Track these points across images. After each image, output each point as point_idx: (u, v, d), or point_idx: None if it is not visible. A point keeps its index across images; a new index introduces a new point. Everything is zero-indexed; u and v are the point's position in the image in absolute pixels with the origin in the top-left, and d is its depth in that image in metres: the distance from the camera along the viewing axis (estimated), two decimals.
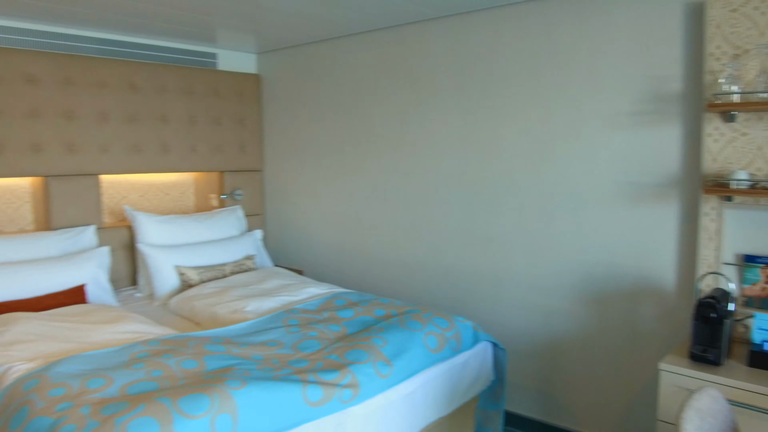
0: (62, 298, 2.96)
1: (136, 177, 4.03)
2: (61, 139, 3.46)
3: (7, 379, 2.00)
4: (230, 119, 4.22)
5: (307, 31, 3.70)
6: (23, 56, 3.31)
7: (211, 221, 3.86)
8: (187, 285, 3.37)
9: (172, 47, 3.98)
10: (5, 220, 3.55)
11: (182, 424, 1.68)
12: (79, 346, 2.27)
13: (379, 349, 2.34)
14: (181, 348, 2.20)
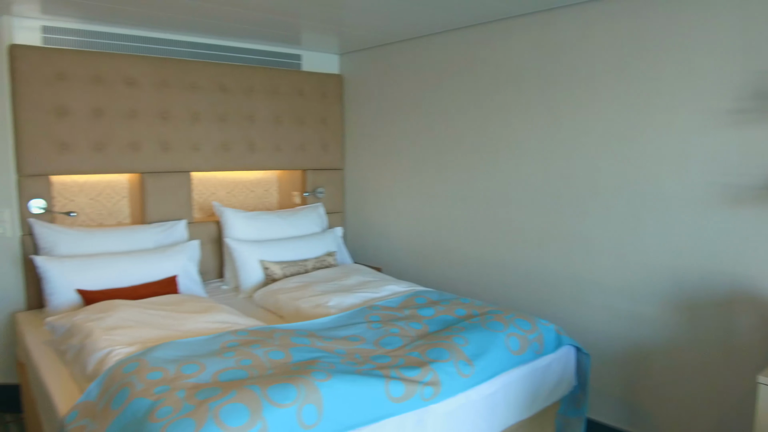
0: (156, 287, 3.13)
1: (224, 174, 4.20)
2: (157, 138, 3.65)
3: (109, 361, 2.14)
4: (313, 119, 4.32)
5: (389, 31, 3.73)
6: (124, 60, 3.52)
7: (294, 218, 3.97)
8: (271, 279, 3.48)
9: (260, 49, 4.11)
10: (105, 213, 3.79)
11: (271, 412, 1.74)
12: (173, 333, 2.39)
13: (460, 348, 2.33)
14: (267, 339, 2.27)
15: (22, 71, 3.23)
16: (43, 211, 3.38)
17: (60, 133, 3.35)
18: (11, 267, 3.38)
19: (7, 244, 3.36)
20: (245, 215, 3.79)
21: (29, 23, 3.31)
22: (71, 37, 3.43)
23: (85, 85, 3.40)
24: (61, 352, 2.58)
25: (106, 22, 3.45)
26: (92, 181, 3.71)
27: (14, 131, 3.28)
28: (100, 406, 1.94)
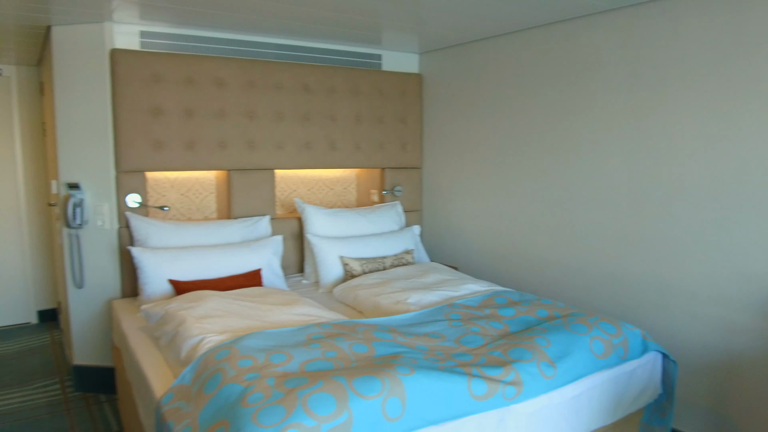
0: (242, 280, 3.25)
1: (305, 172, 4.31)
2: (243, 137, 3.79)
3: (202, 348, 2.24)
4: (392, 118, 4.36)
5: (470, 30, 3.72)
6: (214, 62, 3.68)
7: (373, 215, 4.02)
8: (350, 275, 3.54)
9: (342, 50, 4.19)
10: (193, 208, 3.97)
11: (357, 403, 1.77)
12: (260, 323, 2.48)
13: (542, 349, 2.30)
14: (351, 333, 2.32)
15: (122, 74, 3.44)
16: (138, 206, 3.58)
17: (155, 132, 3.54)
18: (109, 257, 3.60)
19: (105, 236, 3.59)
20: (326, 212, 3.88)
21: (128, 29, 3.52)
22: (166, 41, 3.62)
23: (178, 87, 3.57)
24: (155, 338, 2.73)
25: (198, 26, 3.62)
26: (182, 178, 3.90)
27: (114, 130, 3.49)
28: (194, 389, 2.04)
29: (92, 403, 3.67)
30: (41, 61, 4.67)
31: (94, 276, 3.62)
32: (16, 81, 5.09)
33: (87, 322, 3.70)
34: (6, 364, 4.39)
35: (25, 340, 4.93)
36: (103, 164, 3.52)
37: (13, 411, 3.58)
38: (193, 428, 1.85)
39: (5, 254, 5.21)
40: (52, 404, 3.66)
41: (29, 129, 5.17)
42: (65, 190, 3.53)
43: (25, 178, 5.21)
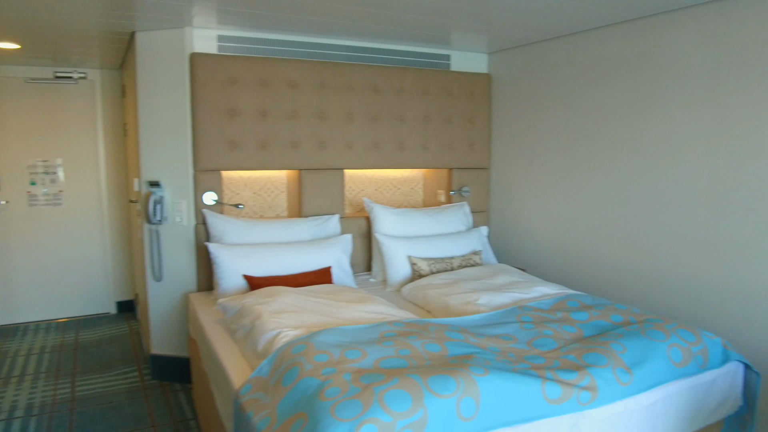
0: (312, 277, 3.33)
1: (372, 172, 4.37)
2: (314, 137, 3.88)
3: (278, 342, 2.31)
4: (461, 118, 4.36)
5: (541, 29, 3.67)
6: (287, 65, 3.78)
7: (441, 215, 4.03)
8: (418, 275, 3.56)
9: (411, 51, 4.22)
10: (265, 206, 4.08)
11: (431, 401, 1.79)
12: (333, 320, 2.54)
13: (618, 355, 2.25)
14: (423, 332, 2.34)
15: (200, 77, 3.58)
16: (214, 203, 3.72)
17: (230, 132, 3.66)
18: (187, 252, 3.75)
19: (183, 232, 3.74)
20: (394, 212, 3.92)
21: (207, 33, 3.66)
22: (242, 45, 3.74)
23: (253, 89, 3.69)
24: (231, 331, 2.83)
25: (272, 30, 3.72)
26: (255, 177, 4.03)
27: (192, 131, 3.64)
28: (271, 381, 2.10)
29: (168, 391, 3.84)
30: (123, 65, 4.91)
31: (171, 270, 3.79)
32: (100, 84, 5.37)
33: (164, 313, 3.88)
34: (88, 351, 4.64)
35: (105, 329, 5.20)
36: (181, 163, 3.68)
37: (95, 395, 3.79)
38: (272, 419, 1.91)
39: (88, 248, 5.51)
40: (131, 390, 3.85)
41: (111, 129, 5.45)
42: (146, 187, 3.71)
43: (107, 176, 5.49)
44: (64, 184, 5.38)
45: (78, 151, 5.39)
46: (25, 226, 5.28)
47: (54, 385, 3.95)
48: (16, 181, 5.22)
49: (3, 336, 5.03)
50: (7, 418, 3.46)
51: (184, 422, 3.40)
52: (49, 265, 5.39)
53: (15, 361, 4.43)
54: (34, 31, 3.78)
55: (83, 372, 4.20)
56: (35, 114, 5.22)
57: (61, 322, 5.42)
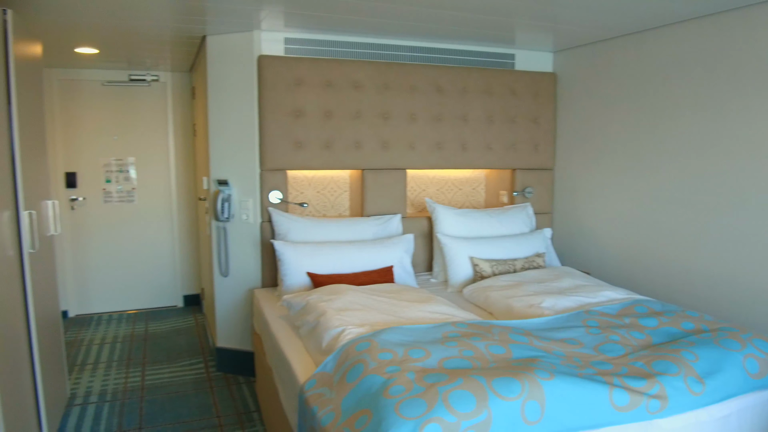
0: (375, 276, 3.35)
1: (434, 172, 4.36)
2: (377, 137, 3.91)
3: (343, 339, 2.35)
4: (525, 118, 4.30)
5: (609, 26, 3.57)
6: (351, 66, 3.82)
7: (503, 217, 3.99)
8: (480, 276, 3.53)
9: (475, 50, 4.19)
10: (327, 205, 4.14)
11: (496, 403, 1.78)
12: (396, 319, 2.55)
13: (689, 364, 2.17)
14: (487, 333, 2.33)
15: (268, 78, 3.67)
16: (279, 202, 3.81)
17: (296, 132, 3.74)
18: (252, 249, 3.85)
19: (249, 230, 3.84)
20: (456, 212, 3.90)
21: (274, 36, 3.74)
22: (308, 47, 3.81)
23: (318, 90, 3.75)
24: (295, 327, 2.89)
25: (337, 32, 3.77)
26: (319, 176, 4.09)
27: (259, 131, 3.73)
28: (336, 377, 2.14)
29: (232, 383, 3.95)
30: (193, 67, 5.09)
31: (237, 266, 3.90)
32: (171, 86, 5.58)
33: (230, 308, 3.99)
34: (157, 342, 4.83)
35: (173, 322, 5.40)
36: (249, 163, 3.78)
37: (164, 384, 3.94)
38: (336, 414, 1.94)
39: (158, 244, 5.74)
40: (197, 381, 3.98)
41: (181, 130, 5.66)
42: (215, 186, 3.83)
43: (176, 174, 5.70)
44: (137, 181, 5.62)
45: (149, 151, 5.62)
46: (100, 222, 5.55)
47: (125, 374, 4.14)
48: (93, 178, 5.49)
49: (78, 325, 5.30)
50: (82, 403, 3.64)
51: (247, 414, 3.50)
52: (122, 259, 5.65)
53: (90, 349, 4.66)
54: (112, 36, 3.97)
55: (152, 362, 4.38)
56: (111, 115, 5.48)
57: (131, 314, 5.67)
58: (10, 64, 2.62)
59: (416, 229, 4.05)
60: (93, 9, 3.21)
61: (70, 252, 5.47)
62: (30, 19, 3.32)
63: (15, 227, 2.66)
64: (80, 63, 5.04)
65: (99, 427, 3.34)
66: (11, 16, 2.61)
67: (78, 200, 5.46)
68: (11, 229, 2.61)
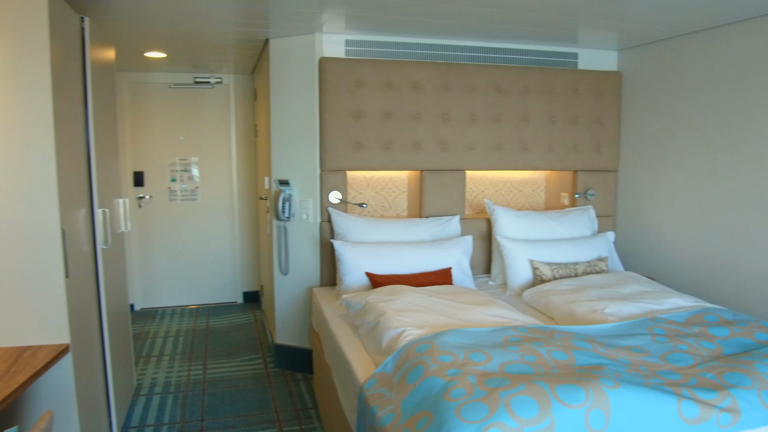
0: (433, 277, 3.35)
1: (493, 173, 4.31)
2: (436, 138, 3.90)
3: (402, 340, 2.35)
4: (587, 118, 4.20)
5: (676, 23, 3.44)
6: (411, 67, 3.82)
7: (564, 219, 3.91)
8: (540, 279, 3.47)
9: (536, 50, 4.12)
10: (386, 206, 4.16)
11: (559, 410, 1.75)
12: (456, 321, 2.54)
13: (764, 376, 2.07)
14: (549, 338, 2.29)
15: (329, 80, 3.71)
16: (338, 202, 3.85)
17: (356, 133, 3.77)
18: (312, 248, 3.91)
19: (309, 229, 3.90)
20: (516, 214, 3.85)
21: (335, 38, 3.78)
22: (368, 48, 3.83)
23: (378, 91, 3.77)
24: (354, 326, 2.91)
25: (397, 33, 3.78)
26: (377, 177, 4.11)
27: (320, 132, 3.78)
28: (395, 378, 2.15)
29: (290, 379, 4.02)
30: (255, 69, 5.20)
31: (297, 264, 3.96)
32: (233, 88, 5.73)
33: (289, 306, 4.06)
34: (218, 337, 4.97)
35: (233, 318, 5.54)
36: (309, 163, 3.84)
37: (224, 378, 4.05)
38: (396, 415, 1.95)
39: (219, 242, 5.91)
40: (256, 377, 4.07)
41: (243, 131, 5.80)
42: (276, 186, 3.90)
43: (238, 174, 5.85)
44: (200, 180, 5.79)
45: (212, 151, 5.78)
46: (165, 219, 5.75)
47: (188, 367, 4.27)
48: (159, 177, 5.70)
49: (144, 318, 5.51)
50: (147, 394, 3.78)
51: (304, 411, 3.55)
52: (185, 255, 5.84)
53: (154, 342, 4.83)
54: (179, 41, 4.11)
55: (213, 356, 4.51)
56: (176, 116, 5.67)
57: (193, 309, 5.85)
58: (87, 68, 2.75)
59: (474, 231, 4.02)
60: (162, 15, 3.33)
61: (137, 248, 5.69)
62: (104, 26, 3.47)
63: (90, 224, 2.79)
64: (149, 66, 5.23)
65: (163, 417, 3.46)
66: (88, 24, 2.74)
67: (145, 198, 5.67)
68: (86, 226, 2.73)
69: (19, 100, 2.21)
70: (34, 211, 2.25)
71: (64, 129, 2.39)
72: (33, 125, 2.23)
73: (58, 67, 2.33)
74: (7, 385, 1.85)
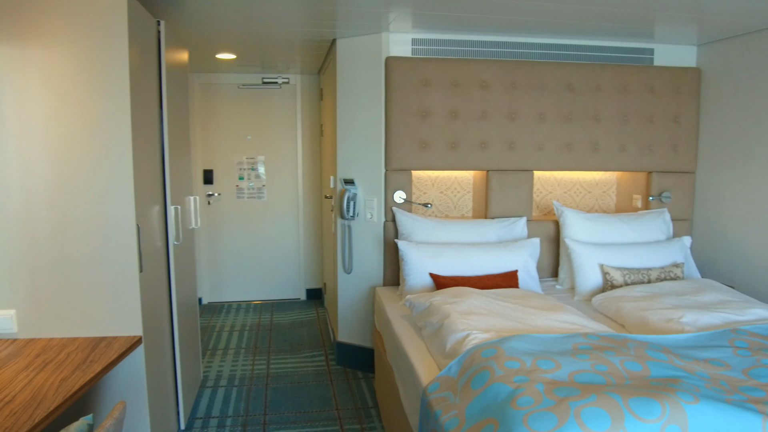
0: (498, 280, 3.28)
1: (561, 174, 4.19)
2: (504, 138, 3.82)
3: (467, 343, 2.31)
4: (663, 117, 4.01)
5: (762, 15, 3.23)
6: (478, 65, 3.76)
7: (637, 223, 3.75)
8: (610, 285, 3.35)
9: (609, 46, 3.97)
10: (450, 206, 4.11)
11: (633, 424, 1.66)
12: (523, 326, 2.47)
13: None
14: (621, 348, 2.19)
15: (395, 79, 3.70)
16: (403, 201, 3.83)
17: (421, 133, 3.74)
18: (375, 248, 3.91)
19: (373, 228, 3.90)
20: (585, 216, 3.72)
21: (402, 37, 3.77)
22: (434, 47, 3.79)
23: (444, 90, 3.73)
24: (417, 328, 2.89)
25: (464, 31, 3.73)
26: (442, 176, 4.07)
27: (385, 132, 3.78)
28: (460, 383, 2.11)
29: (351, 377, 4.04)
30: (322, 69, 5.25)
31: (360, 264, 3.97)
32: (300, 88, 5.81)
33: (351, 304, 4.08)
34: (282, 332, 5.05)
35: (296, 314, 5.62)
36: (374, 162, 3.84)
37: (287, 374, 4.10)
38: (461, 420, 1.91)
39: (284, 239, 6.01)
40: (318, 373, 4.11)
41: (309, 130, 5.88)
42: (342, 185, 3.92)
43: (303, 173, 5.93)
44: (266, 179, 5.91)
45: (279, 150, 5.89)
46: (233, 217, 5.90)
47: (252, 361, 4.36)
48: (227, 176, 5.85)
49: (211, 312, 5.67)
50: (213, 386, 3.88)
51: (365, 409, 3.55)
52: (251, 252, 5.97)
53: (220, 336, 4.96)
54: (248, 42, 4.20)
55: (276, 351, 4.58)
56: (244, 116, 5.80)
57: (258, 304, 5.97)
58: (163, 70, 2.83)
59: (541, 233, 3.92)
60: (233, 18, 3.41)
61: (205, 244, 5.86)
62: (179, 30, 3.58)
63: (163, 221, 2.88)
64: (219, 68, 5.37)
65: (228, 410, 3.54)
66: (164, 27, 2.82)
67: (214, 196, 5.83)
68: (160, 222, 2.83)
69: (99, 101, 2.30)
70: (112, 207, 2.35)
71: (140, 129, 2.48)
72: (112, 125, 2.32)
73: (135, 69, 2.41)
74: (83, 374, 1.93)
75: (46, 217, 2.32)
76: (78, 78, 2.28)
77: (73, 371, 1.96)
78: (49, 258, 2.33)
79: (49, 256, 2.33)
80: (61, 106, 2.28)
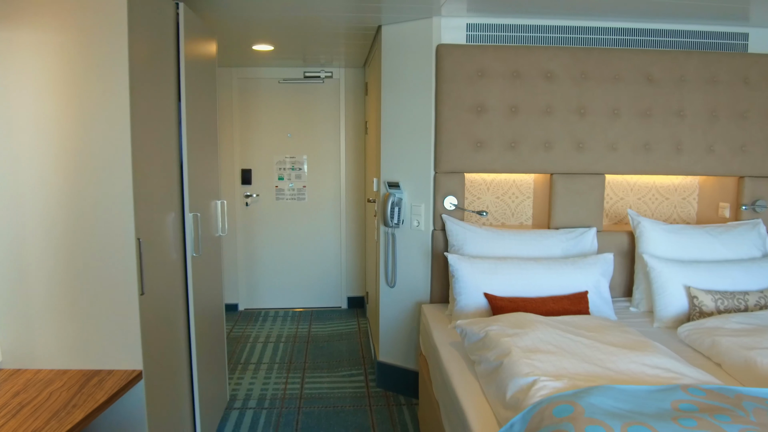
0: (566, 303, 2.80)
1: (635, 178, 3.67)
2: (571, 136, 3.34)
3: (534, 394, 1.85)
4: (760, 113, 3.44)
5: None
6: (543, 53, 3.29)
7: (727, 236, 3.20)
8: (698, 311, 2.82)
9: (695, 30, 3.43)
10: (508, 213, 3.65)
11: None
12: (602, 371, 1.99)
13: None
14: (736, 409, 1.69)
15: (447, 70, 3.27)
16: (454, 208, 3.39)
17: (476, 131, 3.30)
18: (422, 260, 3.49)
19: (420, 238, 3.48)
20: (666, 228, 3.20)
21: (455, 22, 3.33)
22: (492, 33, 3.35)
23: (503, 81, 3.28)
24: (470, 361, 2.45)
25: (526, 15, 3.27)
26: (499, 180, 3.62)
27: (435, 129, 3.35)
28: None
29: (392, 402, 3.64)
30: (367, 62, 4.86)
31: (405, 277, 3.56)
32: (344, 82, 5.43)
33: (394, 321, 3.67)
34: (320, 345, 4.69)
35: (336, 324, 5.25)
36: (422, 164, 3.42)
37: (322, 396, 3.73)
38: None
39: (326, 244, 5.65)
40: (356, 396, 3.72)
41: (353, 128, 5.49)
42: (385, 188, 3.52)
43: (346, 174, 5.55)
44: (308, 180, 5.55)
45: (321, 149, 5.52)
46: (272, 219, 5.57)
47: (285, 379, 4.00)
48: (266, 176, 5.52)
49: (246, 319, 5.36)
50: (241, 407, 3.54)
51: None
52: (290, 256, 5.63)
53: (254, 347, 4.63)
54: (287, 31, 3.84)
55: (312, 368, 4.22)
56: (285, 112, 5.46)
57: (296, 312, 5.63)
58: (182, 60, 2.48)
59: (613, 246, 3.41)
60: (267, 2, 3.05)
61: (242, 246, 5.56)
62: (205, 17, 3.24)
63: (180, 230, 2.53)
64: (258, 62, 5.05)
65: None
66: (183, 10, 2.47)
67: (252, 197, 5.52)
68: (176, 231, 2.48)
69: (91, 95, 1.95)
70: (104, 218, 1.99)
71: (147, 128, 2.13)
72: (107, 124, 1.96)
73: (141, 57, 2.06)
74: (59, 425, 1.58)
75: (35, 232, 1.98)
76: (67, 68, 1.93)
77: (48, 420, 1.61)
78: (38, 279, 2.00)
79: (38, 277, 2.00)
80: (49, 103, 1.94)
